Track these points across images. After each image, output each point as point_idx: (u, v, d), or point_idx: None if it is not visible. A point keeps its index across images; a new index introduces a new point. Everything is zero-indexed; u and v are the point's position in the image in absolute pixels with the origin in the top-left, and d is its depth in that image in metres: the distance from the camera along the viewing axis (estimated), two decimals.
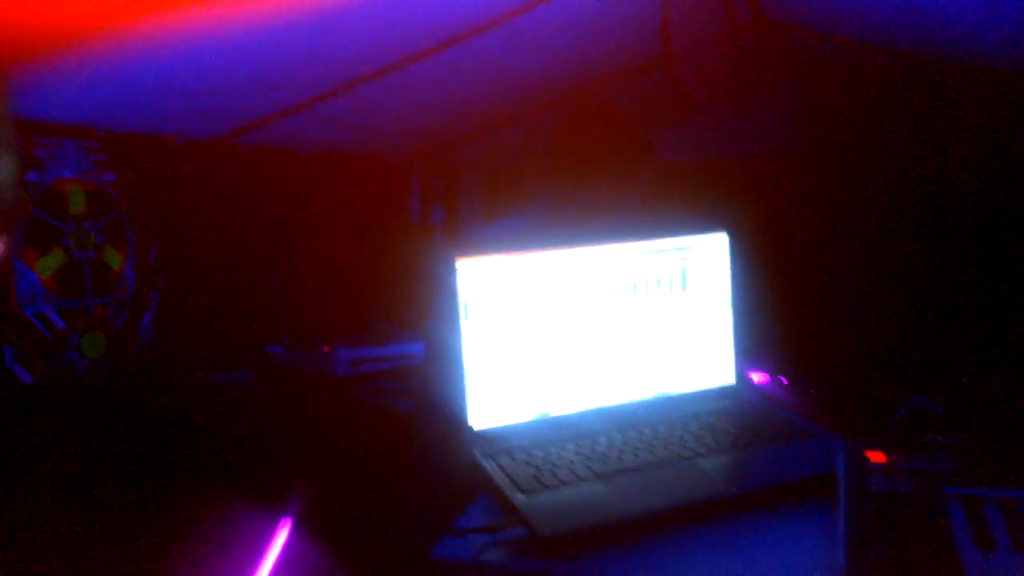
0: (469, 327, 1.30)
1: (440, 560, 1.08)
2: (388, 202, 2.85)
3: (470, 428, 1.30)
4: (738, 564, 1.02)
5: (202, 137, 2.13)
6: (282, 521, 1.69)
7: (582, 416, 1.36)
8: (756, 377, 1.51)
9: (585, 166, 1.61)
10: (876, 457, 1.12)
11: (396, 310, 2.51)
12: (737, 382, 1.46)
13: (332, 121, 2.22)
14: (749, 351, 1.44)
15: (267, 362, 2.13)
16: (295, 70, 1.83)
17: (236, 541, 1.66)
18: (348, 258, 2.65)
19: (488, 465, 1.22)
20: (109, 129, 1.95)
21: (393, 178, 2.89)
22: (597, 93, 2.35)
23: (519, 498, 1.12)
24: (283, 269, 2.44)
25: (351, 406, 1.95)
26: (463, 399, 1.30)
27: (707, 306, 1.44)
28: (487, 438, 1.30)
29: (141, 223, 2.07)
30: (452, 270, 1.28)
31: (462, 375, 1.30)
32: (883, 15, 1.68)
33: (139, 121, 1.96)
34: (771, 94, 2.07)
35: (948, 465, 1.10)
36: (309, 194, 2.52)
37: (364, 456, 1.69)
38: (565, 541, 1.05)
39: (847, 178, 1.77)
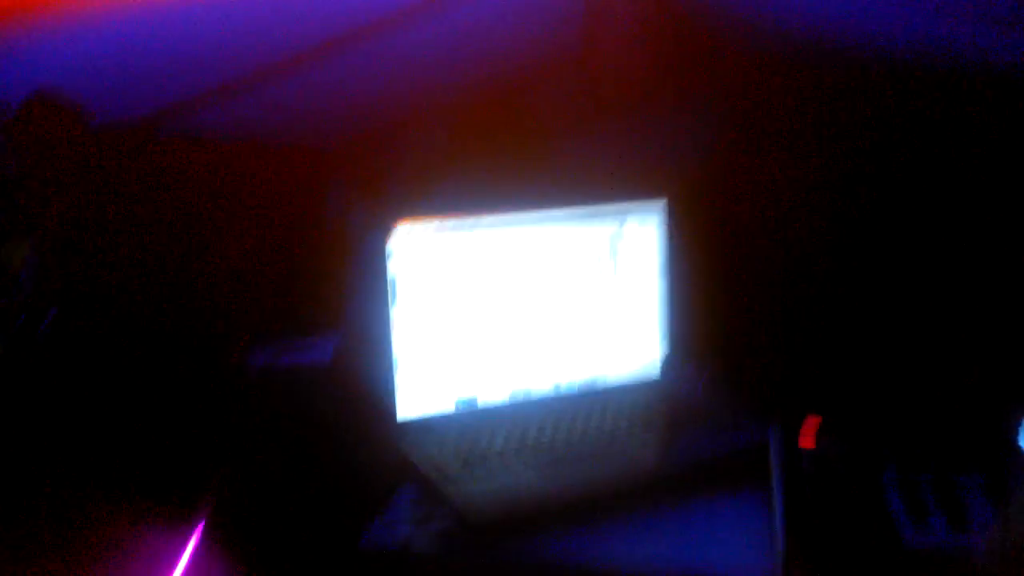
0: (396, 310, 1.26)
1: (367, 550, 1.03)
2: (307, 198, 2.78)
3: (395, 418, 1.26)
4: (673, 547, 1.01)
5: (113, 121, 2.04)
6: (191, 530, 1.61)
7: (510, 405, 1.33)
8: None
9: (508, 158, 1.58)
10: (806, 442, 1.12)
11: (312, 308, 2.44)
12: (665, 367, 1.44)
13: (247, 111, 2.16)
14: (680, 337, 1.43)
15: (175, 363, 2.04)
16: (206, 55, 1.76)
17: (141, 553, 1.57)
18: (262, 255, 2.58)
19: (415, 455, 1.18)
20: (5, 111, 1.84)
21: (313, 174, 2.82)
22: (519, 87, 2.33)
23: (448, 486, 1.09)
24: (192, 265, 2.35)
25: (262, 406, 1.88)
26: (390, 386, 1.25)
27: (639, 288, 1.42)
28: (413, 428, 1.26)
29: (43, 215, 1.97)
30: (381, 241, 1.24)
31: (390, 360, 1.25)
32: (804, 17, 1.71)
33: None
34: (693, 94, 2.08)
35: (880, 447, 1.11)
36: (220, 187, 2.43)
37: (278, 455, 1.63)
38: (496, 526, 1.02)
39: (771, 185, 1.78)
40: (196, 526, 1.61)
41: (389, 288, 1.25)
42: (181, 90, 1.94)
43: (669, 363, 1.34)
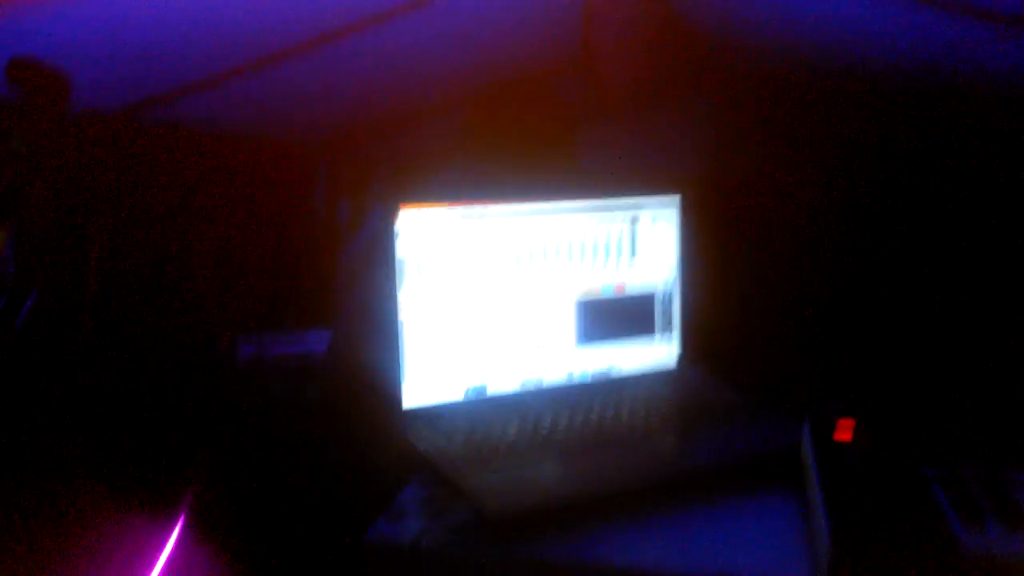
0: (405, 292, 1.18)
1: (374, 545, 0.95)
2: (294, 192, 2.70)
3: (400, 406, 1.18)
4: (699, 548, 0.93)
5: (100, 108, 1.95)
6: (173, 523, 1.54)
7: (520, 395, 1.26)
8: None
9: (508, 158, 1.51)
10: (842, 435, 1.05)
11: (301, 302, 2.37)
12: (682, 361, 1.38)
13: (237, 102, 2.08)
14: (694, 329, 1.37)
15: (157, 354, 1.95)
16: (199, 42, 1.68)
17: (122, 545, 1.49)
18: (249, 247, 2.49)
19: (424, 445, 1.10)
20: None
21: (301, 167, 2.75)
22: (520, 86, 2.27)
23: (463, 478, 1.01)
24: (175, 257, 2.27)
25: (252, 397, 1.80)
26: (397, 374, 1.17)
27: (655, 277, 1.36)
28: (420, 417, 1.18)
29: (26, 199, 1.88)
30: (391, 221, 1.16)
31: (397, 346, 1.17)
32: (797, 28, 1.68)
33: None
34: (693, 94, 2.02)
35: (918, 439, 1.04)
36: (208, 178, 2.35)
37: (268, 448, 1.55)
38: (517, 521, 0.94)
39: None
40: (178, 518, 1.53)
41: (396, 271, 1.17)
42: (169, 79, 1.85)
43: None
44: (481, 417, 1.19)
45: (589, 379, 1.32)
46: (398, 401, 1.18)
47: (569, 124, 1.59)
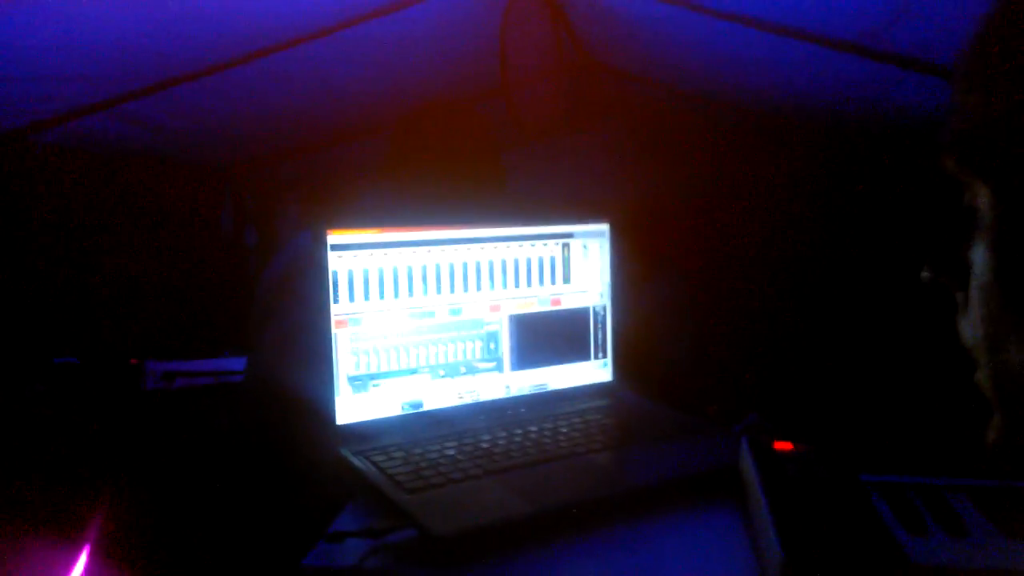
0: (338, 309, 1.14)
1: (313, 570, 0.91)
2: (202, 215, 2.62)
3: (335, 424, 1.14)
4: (652, 564, 0.92)
5: None
6: (80, 548, 1.46)
7: (458, 411, 1.23)
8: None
9: (435, 182, 1.48)
10: (783, 446, 1.06)
11: (214, 325, 2.29)
12: (615, 379, 1.37)
13: (140, 122, 2.00)
14: (626, 349, 1.37)
15: (60, 375, 1.86)
16: (101, 62, 1.62)
17: (27, 570, 1.41)
18: (154, 270, 2.40)
19: (361, 464, 1.06)
20: None
21: (207, 190, 2.66)
22: (442, 112, 2.25)
23: (404, 497, 0.97)
24: (81, 277, 2.17)
25: (163, 422, 1.73)
26: (330, 391, 1.13)
27: (587, 300, 1.35)
28: (356, 435, 1.14)
29: None
30: (322, 243, 1.12)
31: (330, 363, 1.13)
32: (695, 66, 1.72)
33: None
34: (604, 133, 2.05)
35: (857, 453, 1.06)
36: (115, 199, 2.26)
37: (189, 473, 1.49)
38: (462, 540, 0.91)
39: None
40: (83, 546, 1.46)
41: (327, 291, 1.13)
42: (68, 99, 1.78)
43: None
44: (419, 433, 1.16)
45: (525, 395, 1.30)
46: (332, 418, 1.14)
47: (495, 149, 1.58)
